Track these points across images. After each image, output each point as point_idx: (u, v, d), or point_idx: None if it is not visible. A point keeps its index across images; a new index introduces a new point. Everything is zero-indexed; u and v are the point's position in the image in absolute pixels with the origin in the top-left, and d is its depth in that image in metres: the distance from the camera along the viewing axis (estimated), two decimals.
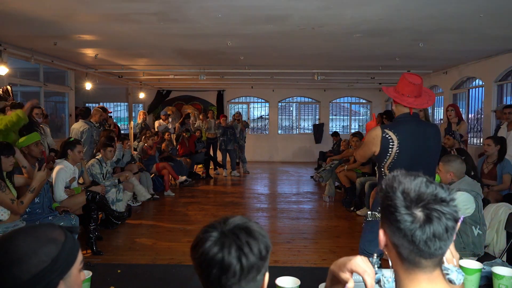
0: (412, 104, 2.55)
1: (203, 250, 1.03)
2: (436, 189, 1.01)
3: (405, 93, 2.55)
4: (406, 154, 2.53)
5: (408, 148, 2.53)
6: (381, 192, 1.09)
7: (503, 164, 4.73)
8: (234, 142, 10.19)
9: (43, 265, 1.03)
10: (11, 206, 3.40)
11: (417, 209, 0.99)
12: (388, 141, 2.54)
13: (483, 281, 1.91)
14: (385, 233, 1.08)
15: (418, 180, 1.03)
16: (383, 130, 2.56)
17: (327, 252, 4.59)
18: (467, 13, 4.36)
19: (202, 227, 1.10)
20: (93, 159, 5.77)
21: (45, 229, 1.11)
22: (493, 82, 7.06)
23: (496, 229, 3.37)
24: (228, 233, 1.04)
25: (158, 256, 4.41)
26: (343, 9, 4.27)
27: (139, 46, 6.36)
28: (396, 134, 2.53)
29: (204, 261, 1.02)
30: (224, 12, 4.37)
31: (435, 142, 2.61)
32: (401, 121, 2.61)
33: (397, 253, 1.06)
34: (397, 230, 1.02)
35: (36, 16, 4.54)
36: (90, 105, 11.93)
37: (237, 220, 1.08)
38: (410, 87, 2.53)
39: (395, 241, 1.04)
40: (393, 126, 2.59)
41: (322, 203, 7.20)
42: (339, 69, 8.62)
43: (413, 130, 2.57)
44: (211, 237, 1.04)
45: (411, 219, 0.99)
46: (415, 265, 1.04)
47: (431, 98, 2.62)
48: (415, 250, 1.01)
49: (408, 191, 1.01)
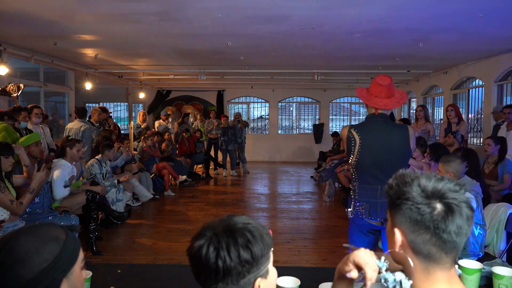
0: (377, 104, 2.63)
1: (191, 245, 1.05)
2: (448, 182, 1.03)
3: (374, 94, 2.64)
4: (369, 153, 2.62)
5: (370, 147, 2.62)
6: (390, 190, 1.08)
7: (503, 164, 4.73)
8: (234, 142, 10.19)
9: (46, 263, 1.03)
10: (10, 207, 3.40)
11: (436, 201, 1.00)
12: (351, 141, 2.67)
13: (483, 281, 1.91)
14: (401, 232, 1.06)
15: (431, 175, 1.05)
16: (349, 130, 2.69)
17: (327, 252, 4.59)
18: (467, 13, 4.36)
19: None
20: (92, 159, 5.77)
21: (46, 228, 1.12)
22: (493, 82, 7.06)
23: (496, 229, 3.37)
24: (214, 233, 1.04)
25: (158, 256, 4.41)
26: (343, 9, 4.27)
27: (139, 46, 6.36)
28: (358, 134, 2.65)
29: (189, 255, 1.06)
30: (224, 12, 4.37)
31: (400, 142, 2.64)
32: (367, 122, 2.73)
33: (415, 252, 1.04)
34: (417, 223, 1.01)
35: (36, 16, 4.54)
36: (90, 105, 11.96)
37: (231, 222, 1.07)
38: (378, 88, 2.63)
39: (414, 238, 1.02)
40: (358, 126, 2.72)
41: (322, 203, 7.20)
42: (339, 69, 8.62)
43: (377, 130, 2.64)
44: (203, 235, 1.05)
45: (430, 209, 0.99)
46: (435, 262, 1.03)
47: (402, 98, 2.69)
48: (438, 243, 1.00)
49: (425, 185, 1.02)
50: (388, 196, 1.10)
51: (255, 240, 1.04)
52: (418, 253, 1.04)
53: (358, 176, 2.71)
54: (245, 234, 1.04)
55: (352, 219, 2.75)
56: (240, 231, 1.05)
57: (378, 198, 2.61)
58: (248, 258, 1.02)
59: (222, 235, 1.03)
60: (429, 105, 10.09)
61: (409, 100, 11.69)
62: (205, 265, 1.01)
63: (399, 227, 1.06)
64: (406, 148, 2.65)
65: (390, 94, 2.64)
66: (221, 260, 1.00)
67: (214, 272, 1.01)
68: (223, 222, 1.08)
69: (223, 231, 1.04)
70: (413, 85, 10.79)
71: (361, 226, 2.71)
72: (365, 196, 2.66)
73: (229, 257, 1.00)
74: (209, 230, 1.06)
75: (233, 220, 1.08)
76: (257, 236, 1.05)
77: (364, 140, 2.63)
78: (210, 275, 1.02)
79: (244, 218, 1.09)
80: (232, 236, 1.03)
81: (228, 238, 1.03)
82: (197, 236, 1.07)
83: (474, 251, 3.01)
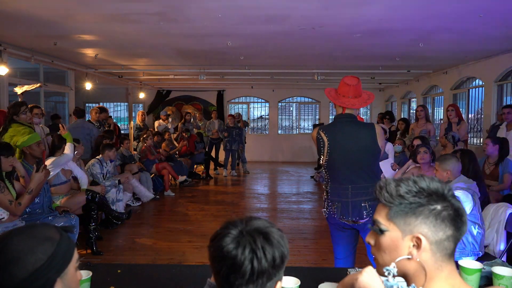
0: (344, 104, 2.66)
1: (219, 244, 1.03)
2: (438, 181, 1.09)
3: (341, 94, 2.68)
4: (337, 153, 2.66)
5: (339, 148, 2.66)
6: (405, 200, 1.06)
7: (504, 164, 4.73)
8: (239, 142, 10.20)
9: (40, 262, 1.03)
10: (9, 207, 3.39)
11: (449, 199, 1.06)
12: (320, 142, 2.71)
13: (483, 281, 1.91)
14: (425, 236, 1.04)
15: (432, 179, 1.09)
16: (318, 131, 2.73)
17: (327, 252, 4.58)
18: (467, 13, 4.36)
19: (224, 222, 1.10)
20: (93, 159, 5.77)
21: (40, 228, 1.12)
22: (493, 82, 7.06)
23: (496, 229, 3.37)
24: (247, 233, 1.03)
25: (158, 256, 4.41)
26: (343, 9, 4.27)
27: (139, 46, 6.36)
28: (326, 136, 2.68)
29: (218, 255, 1.03)
30: (224, 12, 4.37)
31: (369, 141, 2.66)
32: (334, 122, 2.77)
33: (434, 252, 1.05)
34: (443, 221, 1.04)
35: (36, 16, 4.54)
36: (90, 105, 11.96)
37: (259, 222, 1.07)
38: (345, 88, 2.66)
39: (439, 238, 1.04)
40: (325, 127, 2.75)
41: (322, 203, 7.19)
42: (339, 69, 8.61)
43: (344, 130, 2.67)
44: (230, 234, 1.04)
45: (452, 207, 1.05)
46: (449, 256, 1.07)
47: (370, 99, 2.72)
48: (457, 236, 1.06)
49: (433, 187, 1.07)
50: (397, 205, 1.07)
51: (284, 242, 1.06)
52: (438, 252, 1.06)
53: (329, 177, 2.75)
54: (275, 237, 1.05)
55: (327, 219, 2.83)
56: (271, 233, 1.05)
57: (349, 198, 2.65)
58: (279, 260, 1.04)
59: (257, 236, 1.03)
60: (429, 105, 10.08)
61: (409, 100, 11.69)
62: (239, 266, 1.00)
63: (420, 232, 1.05)
64: (374, 147, 2.67)
65: (358, 94, 2.67)
66: (257, 262, 1.00)
67: (248, 274, 1.00)
68: (250, 223, 1.07)
69: (256, 231, 1.04)
70: (413, 85, 10.79)
71: (336, 225, 2.77)
72: (337, 196, 2.69)
73: (265, 259, 1.01)
74: (234, 229, 1.05)
75: (259, 222, 1.08)
76: (284, 238, 1.08)
77: (332, 141, 2.67)
78: (243, 277, 1.00)
79: (263, 221, 1.09)
80: (265, 237, 1.03)
81: (263, 239, 1.03)
82: (223, 235, 1.05)
83: (473, 251, 3.01)
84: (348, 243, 2.80)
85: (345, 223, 2.70)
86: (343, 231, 2.77)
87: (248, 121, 13.30)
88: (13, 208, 3.40)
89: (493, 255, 3.23)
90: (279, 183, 9.67)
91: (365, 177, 2.64)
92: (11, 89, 6.01)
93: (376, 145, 2.66)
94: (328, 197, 2.76)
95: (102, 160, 5.68)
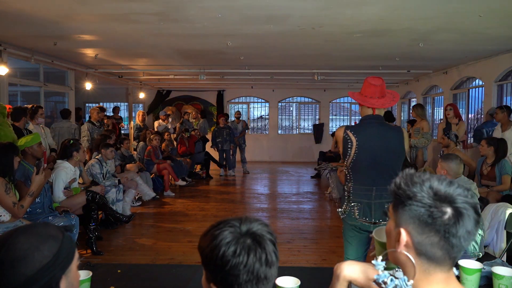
0: (374, 105, 2.64)
1: (216, 246, 1.04)
2: (458, 186, 1.02)
3: (368, 95, 2.65)
4: (365, 154, 2.63)
5: (367, 149, 2.63)
6: (399, 189, 1.06)
7: (500, 165, 4.75)
8: (230, 142, 10.19)
9: (46, 260, 1.04)
10: (12, 209, 3.43)
11: (447, 205, 0.99)
12: (347, 142, 2.67)
13: (483, 281, 1.91)
14: (407, 232, 1.05)
15: (442, 179, 1.03)
16: (345, 131, 2.69)
17: (327, 252, 4.59)
18: (467, 13, 4.36)
19: (216, 221, 1.10)
20: (93, 159, 5.77)
21: (43, 227, 1.13)
22: (493, 82, 7.05)
23: (496, 229, 3.37)
24: (241, 235, 1.04)
25: (158, 256, 4.41)
26: (343, 9, 4.27)
27: (139, 46, 6.36)
28: (355, 136, 2.64)
29: (215, 258, 1.03)
30: (224, 12, 4.37)
31: (396, 144, 2.66)
32: (363, 123, 2.73)
33: (418, 253, 1.04)
34: (427, 227, 1.00)
35: (36, 16, 4.54)
36: (90, 105, 11.96)
37: (252, 225, 1.08)
38: (371, 88, 2.64)
39: (422, 239, 1.02)
40: (354, 128, 2.71)
41: (322, 203, 7.20)
42: (339, 69, 8.61)
43: (373, 132, 2.65)
44: (227, 237, 1.04)
45: (442, 214, 0.99)
46: (437, 264, 1.03)
47: (395, 97, 2.71)
48: (445, 247, 1.00)
49: (437, 188, 1.01)
50: (394, 195, 1.08)
51: (275, 247, 1.08)
52: (422, 255, 1.04)
53: (353, 177, 2.73)
54: (272, 239, 1.06)
55: (344, 219, 2.80)
56: (269, 235, 1.06)
57: (372, 199, 2.64)
58: (276, 262, 1.06)
59: (259, 241, 1.04)
60: (429, 105, 10.09)
61: (409, 100, 11.69)
62: (236, 269, 1.01)
63: (405, 228, 1.05)
64: (401, 150, 2.69)
65: (383, 94, 2.67)
66: (267, 266, 1.02)
67: (255, 278, 1.01)
68: (249, 225, 1.07)
69: (257, 235, 1.05)
70: (413, 85, 10.79)
71: (353, 226, 2.75)
72: (360, 197, 2.68)
73: (259, 262, 1.02)
74: (229, 229, 1.05)
75: (256, 224, 1.08)
76: (276, 243, 1.09)
77: (360, 142, 2.64)
78: (251, 281, 1.01)
79: (258, 221, 1.09)
80: (258, 240, 1.04)
81: (255, 242, 1.04)
82: (220, 241, 1.04)
83: (474, 251, 3.01)
84: (361, 245, 2.79)
85: (363, 225, 2.69)
86: (359, 233, 2.76)
87: (248, 122, 13.30)
88: (16, 210, 3.44)
89: (493, 255, 3.24)
90: (279, 183, 9.67)
91: (389, 180, 2.62)
92: (11, 89, 6.01)
93: (403, 148, 2.69)
94: (350, 198, 2.73)
95: (101, 160, 5.68)
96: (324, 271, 3.94)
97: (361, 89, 2.72)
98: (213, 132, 10.33)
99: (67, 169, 4.63)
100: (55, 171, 4.56)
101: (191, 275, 3.72)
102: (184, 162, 8.84)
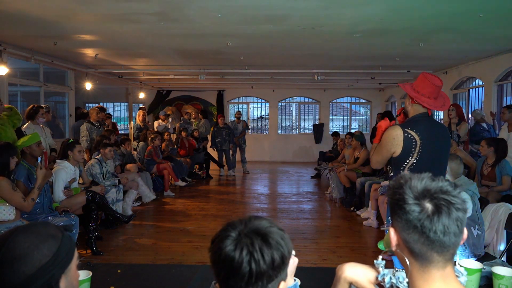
0: (432, 106, 2.50)
1: (218, 247, 1.03)
2: (441, 182, 1.04)
3: (425, 94, 2.48)
4: (428, 154, 2.48)
5: (429, 148, 2.48)
6: (389, 190, 1.10)
7: (501, 166, 4.75)
8: (229, 142, 10.19)
9: (45, 259, 1.05)
10: (22, 204, 3.50)
11: (425, 200, 1.02)
12: (411, 141, 2.47)
13: (483, 281, 1.91)
14: (395, 230, 1.08)
15: (424, 176, 1.06)
16: (404, 129, 2.48)
17: (327, 252, 4.59)
18: (467, 13, 4.36)
19: (225, 223, 1.09)
20: (93, 159, 5.77)
21: (43, 226, 1.14)
22: (493, 82, 7.06)
23: (496, 229, 3.37)
24: (245, 235, 1.02)
25: (158, 256, 4.41)
26: (343, 9, 4.27)
27: (139, 46, 6.36)
28: (418, 134, 2.46)
29: (217, 258, 1.03)
30: (224, 12, 4.37)
31: (447, 142, 2.64)
32: (419, 121, 2.54)
33: (410, 251, 1.06)
34: (407, 223, 1.03)
35: (36, 16, 4.54)
36: (90, 105, 11.95)
37: (259, 223, 1.06)
38: (431, 88, 2.47)
39: (406, 237, 1.05)
40: (413, 126, 2.50)
41: (322, 203, 7.20)
42: (339, 69, 8.62)
43: (431, 130, 2.54)
44: (229, 236, 1.03)
45: (419, 209, 1.01)
46: (427, 261, 1.04)
47: (446, 101, 2.59)
48: (426, 242, 1.02)
49: (416, 185, 1.04)
50: (388, 197, 1.12)
51: (284, 243, 1.05)
52: (413, 252, 1.06)
53: None
54: (274, 238, 1.03)
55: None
56: (270, 234, 1.04)
57: None
58: (279, 261, 1.02)
59: (254, 238, 1.01)
60: None
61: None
62: (237, 269, 0.99)
63: (394, 227, 1.09)
64: (449, 148, 2.67)
65: (438, 95, 2.54)
66: (255, 264, 0.99)
67: (246, 276, 0.99)
68: (249, 224, 1.06)
69: (254, 233, 1.03)
70: None
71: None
72: None
73: (263, 261, 0.99)
74: (233, 231, 1.04)
75: (259, 223, 1.06)
76: (285, 238, 1.06)
77: (425, 140, 2.47)
78: (241, 279, 1.00)
79: (266, 220, 1.08)
80: (264, 239, 1.02)
81: (261, 241, 1.01)
82: (222, 237, 1.04)
83: (474, 251, 3.01)
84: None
85: None
86: None
87: (248, 122, 13.30)
88: (27, 204, 3.52)
89: (493, 255, 3.24)
90: (279, 183, 9.67)
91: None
92: (11, 89, 6.01)
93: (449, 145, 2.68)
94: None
95: (101, 160, 5.67)
96: (324, 271, 3.94)
97: (415, 84, 2.55)
98: (213, 132, 10.35)
99: (67, 168, 4.63)
100: (55, 171, 4.56)
101: (191, 275, 3.72)
102: (184, 162, 8.84)
